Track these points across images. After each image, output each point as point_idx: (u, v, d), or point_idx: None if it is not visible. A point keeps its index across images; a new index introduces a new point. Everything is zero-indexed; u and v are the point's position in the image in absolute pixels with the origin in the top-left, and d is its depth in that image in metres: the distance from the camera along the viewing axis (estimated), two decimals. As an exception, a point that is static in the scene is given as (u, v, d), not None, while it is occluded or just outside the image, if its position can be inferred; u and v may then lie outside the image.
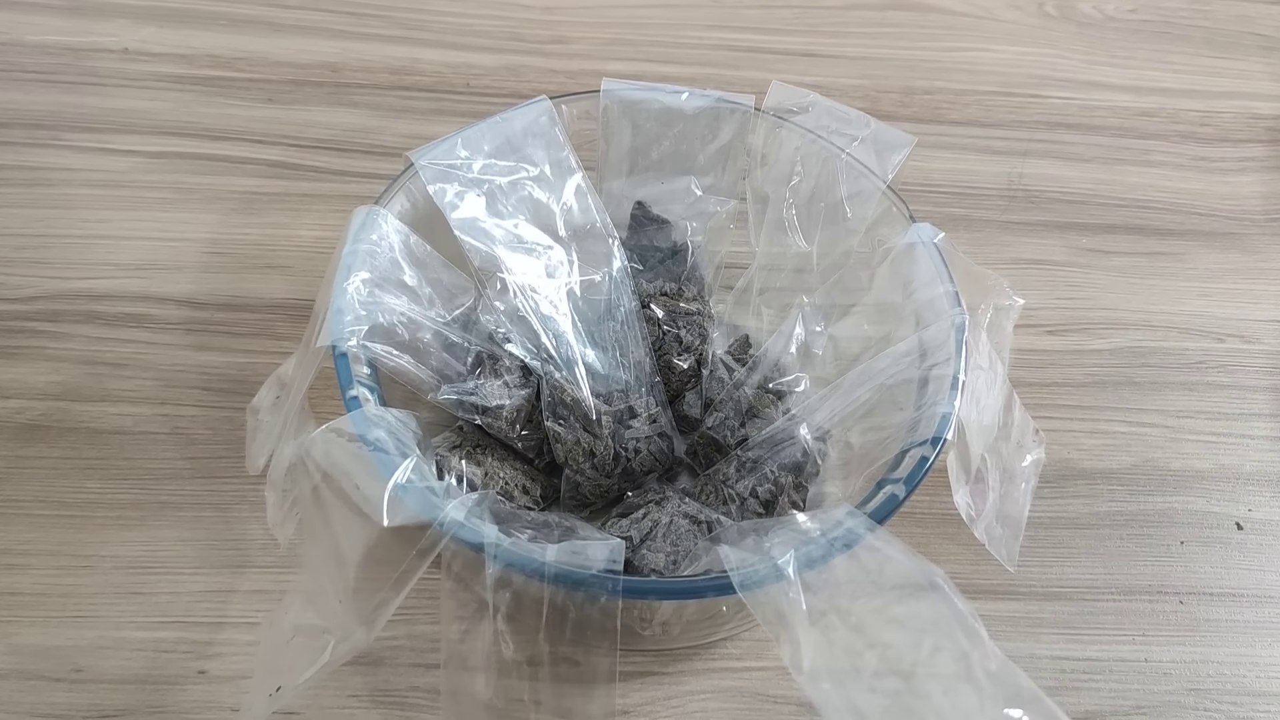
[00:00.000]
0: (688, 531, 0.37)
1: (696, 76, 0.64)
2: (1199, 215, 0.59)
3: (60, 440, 0.43)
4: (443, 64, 0.63)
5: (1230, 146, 0.64)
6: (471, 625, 0.31)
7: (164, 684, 0.37)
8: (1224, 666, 0.40)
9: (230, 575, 0.40)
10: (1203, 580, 0.43)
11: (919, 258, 0.40)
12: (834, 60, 0.67)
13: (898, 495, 0.32)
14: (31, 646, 0.37)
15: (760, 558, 0.30)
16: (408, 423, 0.34)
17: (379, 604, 0.30)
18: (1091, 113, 0.65)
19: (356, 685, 0.37)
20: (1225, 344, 0.52)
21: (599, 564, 0.30)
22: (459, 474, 0.38)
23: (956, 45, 0.69)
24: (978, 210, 0.58)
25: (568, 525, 0.33)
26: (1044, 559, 0.43)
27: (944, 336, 0.37)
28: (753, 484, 0.39)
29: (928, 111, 0.64)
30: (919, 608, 0.28)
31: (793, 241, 0.45)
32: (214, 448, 0.43)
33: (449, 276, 0.40)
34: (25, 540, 0.40)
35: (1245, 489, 0.46)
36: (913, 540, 0.43)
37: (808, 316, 0.44)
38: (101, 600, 0.39)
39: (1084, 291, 0.54)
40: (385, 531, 0.29)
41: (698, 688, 0.38)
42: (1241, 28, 0.73)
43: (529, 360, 0.40)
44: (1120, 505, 0.45)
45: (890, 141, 0.43)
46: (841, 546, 0.30)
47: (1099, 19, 0.72)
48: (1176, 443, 0.48)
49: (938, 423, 0.34)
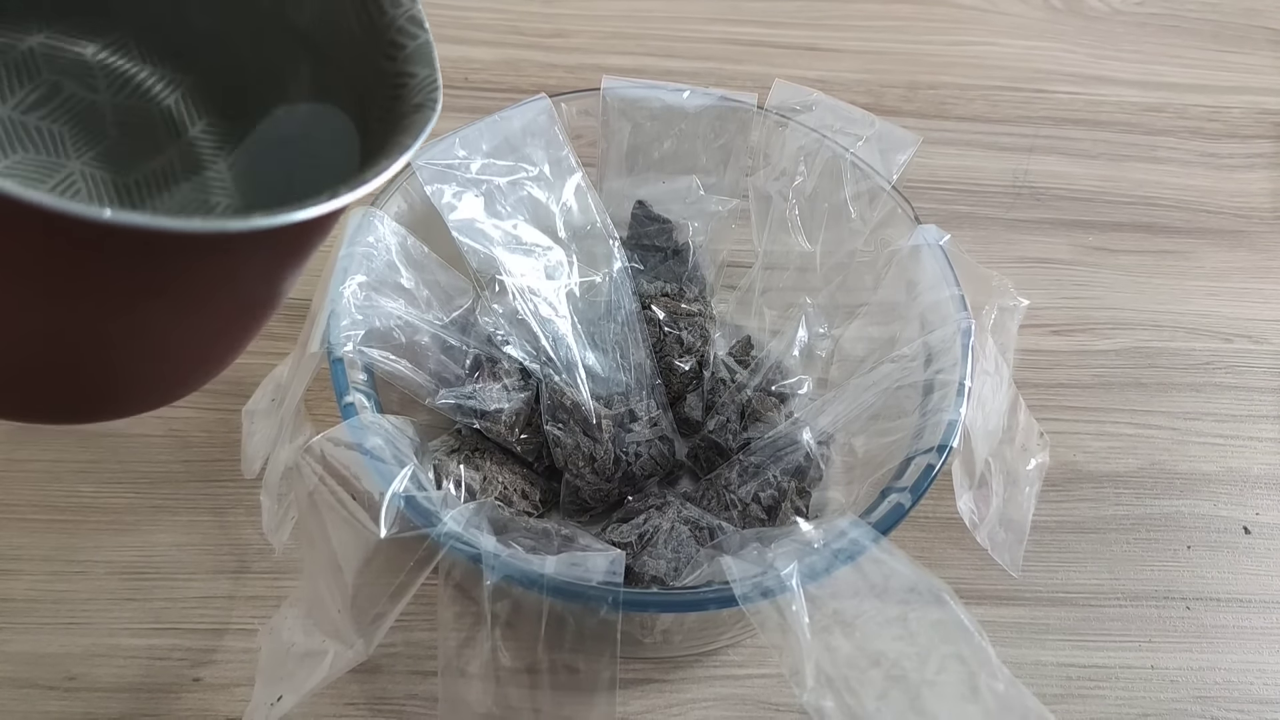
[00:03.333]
0: (689, 538, 0.37)
1: (698, 71, 0.63)
2: (1207, 213, 0.58)
3: (53, 443, 0.43)
4: (440, 57, 0.61)
5: (1238, 142, 0.63)
6: (470, 633, 0.30)
7: (159, 692, 0.36)
8: (1231, 674, 0.40)
9: (226, 581, 0.39)
10: (1210, 585, 0.42)
11: (924, 260, 0.39)
12: (837, 54, 0.66)
13: (903, 505, 0.32)
14: (24, 654, 0.37)
15: (763, 569, 0.29)
16: (405, 429, 0.34)
17: (377, 615, 0.30)
18: (1098, 108, 0.64)
19: (354, 693, 0.37)
20: (1233, 344, 0.52)
21: (598, 575, 0.29)
22: (457, 479, 0.37)
23: (962, 39, 0.68)
24: (983, 207, 0.57)
25: (567, 534, 0.33)
26: (1049, 564, 0.42)
27: (949, 341, 0.36)
28: (755, 489, 0.38)
29: (932, 107, 0.63)
30: (925, 623, 0.27)
31: (796, 242, 0.44)
32: (210, 450, 0.43)
33: (447, 278, 0.40)
34: (17, 545, 0.40)
35: (1253, 492, 0.46)
36: (915, 545, 0.43)
37: (811, 318, 0.44)
38: (95, 606, 0.38)
39: (1090, 291, 0.53)
40: (383, 542, 0.29)
41: (699, 695, 0.38)
42: (1250, 21, 0.72)
43: (528, 363, 0.39)
44: (1126, 509, 0.45)
45: (895, 141, 0.43)
46: (845, 558, 0.29)
47: (1106, 12, 0.71)
48: (1183, 445, 0.47)
49: (944, 430, 0.33)
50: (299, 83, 0.32)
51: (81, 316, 0.23)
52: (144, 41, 0.33)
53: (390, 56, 0.29)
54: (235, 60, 0.33)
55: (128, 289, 0.22)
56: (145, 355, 0.25)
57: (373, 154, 0.28)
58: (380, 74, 0.30)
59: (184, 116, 0.33)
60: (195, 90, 0.33)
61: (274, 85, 0.32)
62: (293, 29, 0.31)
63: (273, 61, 0.32)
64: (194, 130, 0.33)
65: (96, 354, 0.24)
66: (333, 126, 0.31)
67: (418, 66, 0.29)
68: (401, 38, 0.29)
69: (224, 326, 0.26)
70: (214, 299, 0.25)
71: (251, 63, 0.32)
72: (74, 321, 0.23)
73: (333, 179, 0.25)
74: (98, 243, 0.20)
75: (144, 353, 0.25)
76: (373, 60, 0.30)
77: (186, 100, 0.33)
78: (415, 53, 0.29)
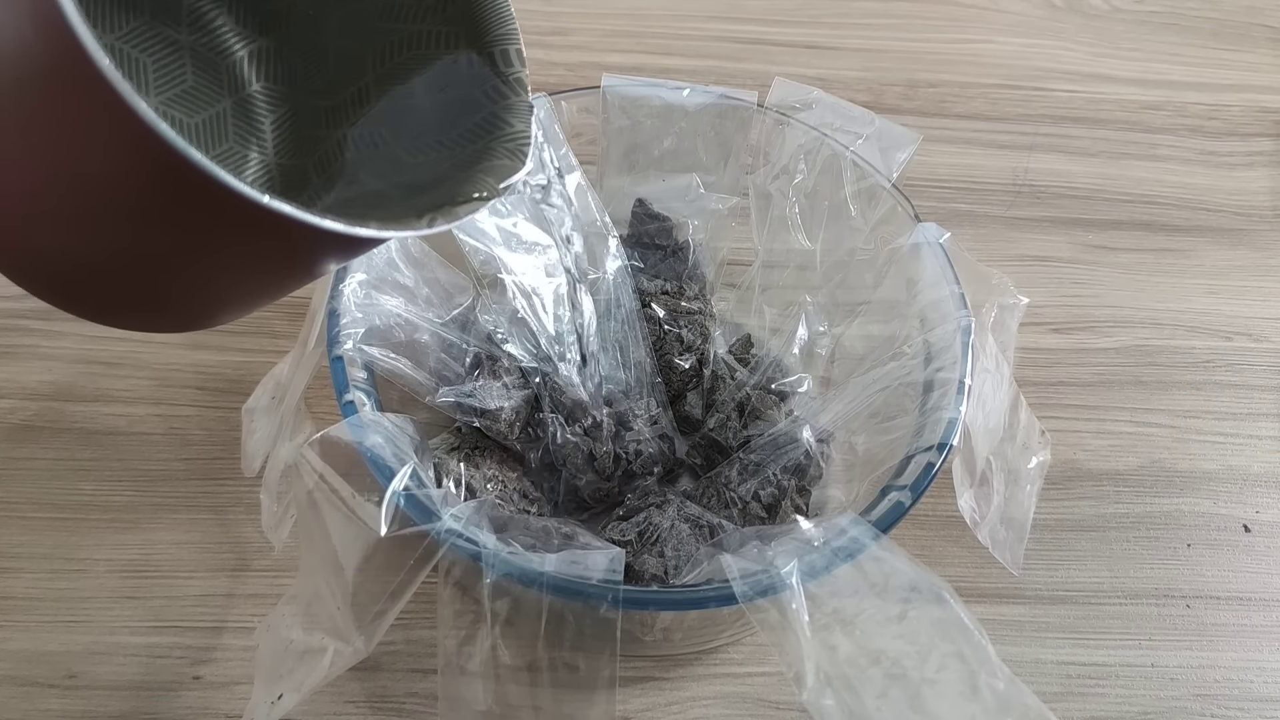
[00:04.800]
0: (689, 536, 0.37)
1: (698, 69, 0.63)
2: (1206, 211, 0.58)
3: (53, 441, 0.43)
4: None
5: (1238, 140, 0.63)
6: (470, 631, 0.30)
7: (159, 690, 0.36)
8: (1231, 671, 0.40)
9: (226, 579, 0.39)
10: (1210, 583, 0.42)
11: (924, 258, 0.39)
12: (837, 52, 0.66)
13: (903, 503, 0.31)
14: (24, 652, 0.37)
15: (762, 567, 0.29)
16: (404, 427, 0.34)
17: (377, 613, 0.29)
18: (1098, 106, 0.64)
19: (354, 691, 0.37)
20: (1233, 343, 0.52)
21: (598, 573, 0.29)
22: (457, 477, 0.37)
23: (961, 37, 0.68)
24: (982, 206, 0.57)
25: (566, 532, 0.33)
26: (1049, 562, 0.42)
27: (949, 339, 0.36)
28: (755, 487, 0.38)
29: (932, 105, 0.63)
30: (925, 621, 0.27)
31: (796, 240, 0.44)
32: (210, 449, 0.43)
33: (447, 276, 0.40)
34: (18, 543, 0.40)
35: (1253, 490, 0.46)
36: (915, 543, 0.43)
37: (811, 316, 0.44)
38: (95, 605, 0.38)
39: (1089, 289, 0.53)
40: (383, 540, 0.29)
41: (699, 693, 0.38)
42: (1250, 19, 0.72)
43: (528, 362, 0.39)
44: (1126, 507, 0.45)
45: (895, 139, 0.43)
46: (845, 556, 0.29)
47: (1105, 10, 0.71)
48: (1183, 443, 0.47)
49: (944, 428, 0.33)
50: (374, 73, 0.34)
51: (175, 246, 0.25)
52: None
53: (490, 99, 0.32)
54: (319, 44, 0.34)
55: (231, 245, 0.25)
56: (205, 290, 0.27)
57: (443, 179, 0.30)
58: (472, 103, 0.32)
59: (248, 73, 0.35)
60: (266, 53, 0.35)
61: (348, 71, 0.34)
62: (390, 32, 0.33)
63: (356, 56, 0.34)
64: (252, 87, 0.34)
65: (166, 277, 0.26)
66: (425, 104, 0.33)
67: (515, 119, 0.31)
68: (505, 88, 0.32)
69: (271, 287, 0.29)
70: (283, 266, 0.27)
71: (334, 51, 0.34)
72: (162, 248, 0.25)
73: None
74: (233, 208, 0.22)
75: (206, 288, 0.27)
76: (469, 91, 0.32)
77: (254, 59, 0.35)
78: (516, 106, 0.31)
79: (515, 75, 0.32)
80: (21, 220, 0.24)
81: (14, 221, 0.25)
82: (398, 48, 0.33)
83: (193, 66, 0.34)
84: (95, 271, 0.26)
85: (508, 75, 0.31)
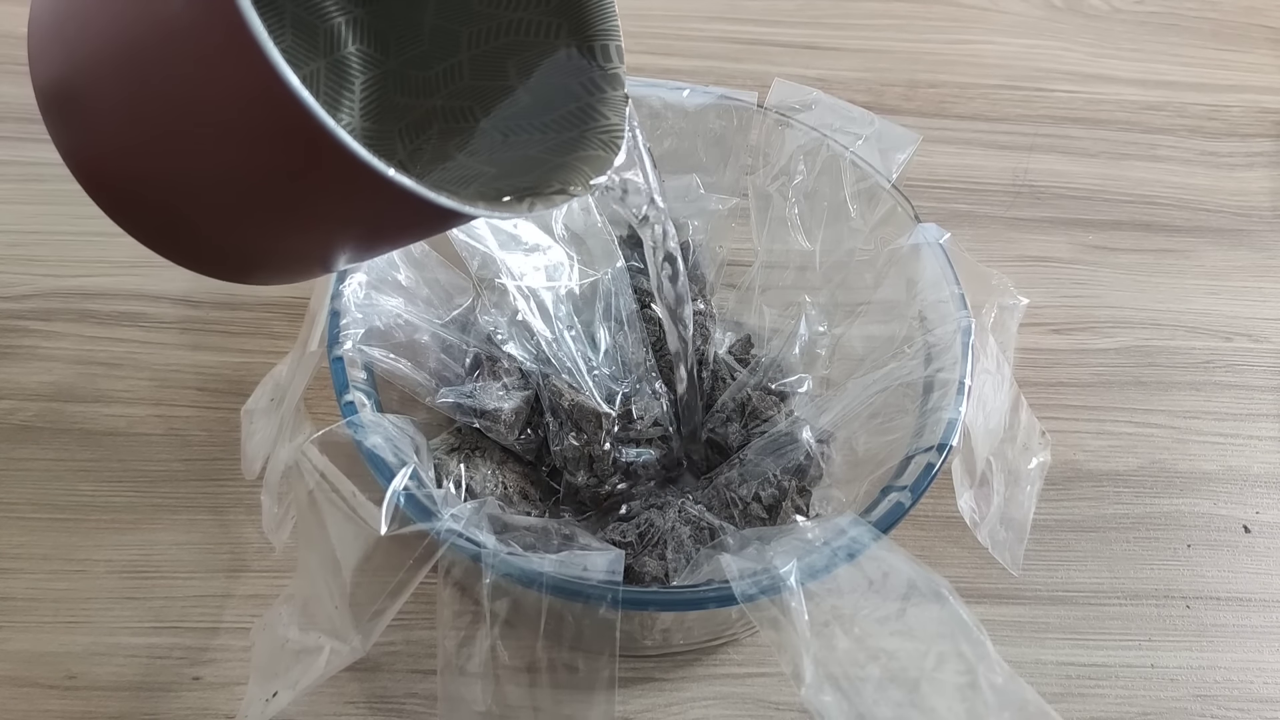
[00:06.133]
0: (689, 537, 0.37)
1: (698, 69, 0.63)
2: (1206, 211, 0.58)
3: (53, 442, 0.43)
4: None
5: (1238, 141, 0.63)
6: (469, 631, 0.30)
7: (158, 690, 0.36)
8: (1231, 672, 0.40)
9: (226, 580, 0.39)
10: (1210, 584, 0.42)
11: (924, 259, 0.39)
12: (837, 53, 0.66)
13: (903, 503, 0.31)
14: (24, 653, 0.37)
15: (762, 567, 0.29)
16: (404, 428, 0.34)
17: (376, 613, 0.29)
18: (1098, 107, 0.64)
19: (353, 691, 0.37)
20: (1233, 343, 0.52)
21: (598, 574, 0.29)
22: (457, 478, 0.37)
23: (962, 38, 0.68)
24: (982, 206, 0.57)
25: (566, 533, 0.33)
26: (1049, 563, 0.42)
27: (949, 340, 0.36)
28: (755, 488, 0.38)
29: (932, 105, 0.63)
30: (924, 618, 0.27)
31: (796, 240, 0.44)
32: (210, 449, 0.43)
33: (446, 276, 0.40)
34: (17, 544, 0.40)
35: (1253, 491, 0.46)
36: (915, 544, 0.43)
37: (811, 316, 0.44)
38: (95, 605, 0.38)
39: (1089, 289, 0.53)
40: (382, 539, 0.29)
41: (699, 694, 0.38)
42: (1250, 20, 0.72)
43: (527, 363, 0.39)
44: (1126, 508, 0.45)
45: (895, 140, 0.43)
46: (845, 556, 0.29)
47: (1105, 11, 0.71)
48: (1183, 444, 0.47)
49: (944, 428, 0.33)
50: (468, 51, 0.34)
51: (285, 201, 0.25)
52: None
53: (587, 90, 0.32)
54: (415, 20, 0.35)
55: (332, 204, 0.25)
56: (296, 248, 0.28)
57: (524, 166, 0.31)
58: (568, 93, 0.33)
59: (343, 36, 0.35)
60: (362, 23, 0.35)
61: (443, 47, 0.35)
62: (489, 16, 0.34)
63: (452, 33, 0.34)
64: (347, 49, 0.35)
65: (263, 230, 0.27)
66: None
67: (610, 112, 0.32)
68: (604, 81, 0.32)
69: (356, 248, 0.29)
70: (372, 233, 0.28)
71: (430, 28, 0.35)
72: (276, 202, 0.25)
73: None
74: (351, 172, 0.22)
75: (297, 245, 0.28)
76: (566, 80, 0.33)
77: (350, 26, 0.35)
78: (612, 100, 0.32)
79: (614, 70, 0.32)
80: (157, 146, 0.25)
81: (150, 147, 0.25)
82: (496, 31, 0.34)
83: (292, 30, 0.34)
84: (205, 204, 0.26)
85: (606, 70, 0.32)
